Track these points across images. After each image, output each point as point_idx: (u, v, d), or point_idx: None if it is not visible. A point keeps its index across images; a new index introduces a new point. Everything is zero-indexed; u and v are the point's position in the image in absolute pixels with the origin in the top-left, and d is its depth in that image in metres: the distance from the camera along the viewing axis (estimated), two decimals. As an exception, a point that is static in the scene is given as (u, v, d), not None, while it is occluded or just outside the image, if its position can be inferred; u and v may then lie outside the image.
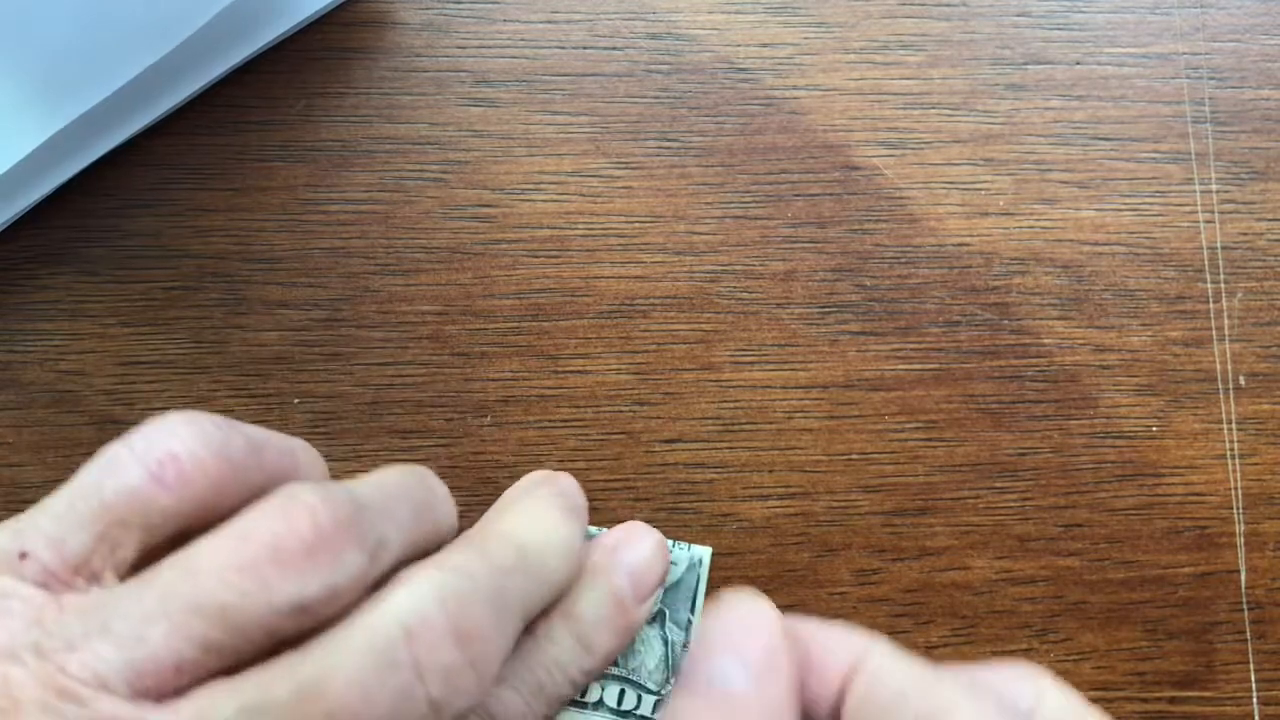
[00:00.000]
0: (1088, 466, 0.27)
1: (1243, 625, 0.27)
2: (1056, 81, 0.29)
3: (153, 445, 0.21)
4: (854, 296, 0.28)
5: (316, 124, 0.28)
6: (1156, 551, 0.27)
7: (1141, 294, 0.28)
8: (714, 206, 0.28)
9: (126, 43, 0.26)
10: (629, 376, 0.28)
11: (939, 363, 0.28)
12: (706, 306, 0.28)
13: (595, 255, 0.28)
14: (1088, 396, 0.28)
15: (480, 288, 0.28)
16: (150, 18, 0.26)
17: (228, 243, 0.28)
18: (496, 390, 0.27)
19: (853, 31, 0.29)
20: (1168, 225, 0.28)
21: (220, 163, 0.28)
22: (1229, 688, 0.27)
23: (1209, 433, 0.28)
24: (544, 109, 0.29)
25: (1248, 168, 0.29)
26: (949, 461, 0.27)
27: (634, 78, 0.29)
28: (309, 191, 0.28)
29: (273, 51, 0.29)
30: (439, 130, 0.28)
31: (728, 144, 0.29)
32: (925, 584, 0.27)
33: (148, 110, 0.27)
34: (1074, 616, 0.27)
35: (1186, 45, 0.29)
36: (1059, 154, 0.29)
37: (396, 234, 0.28)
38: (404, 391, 0.27)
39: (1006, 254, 0.28)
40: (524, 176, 0.28)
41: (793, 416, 0.27)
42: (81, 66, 0.26)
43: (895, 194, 0.28)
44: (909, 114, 0.29)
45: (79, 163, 0.27)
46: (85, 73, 0.26)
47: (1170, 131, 0.29)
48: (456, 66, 0.29)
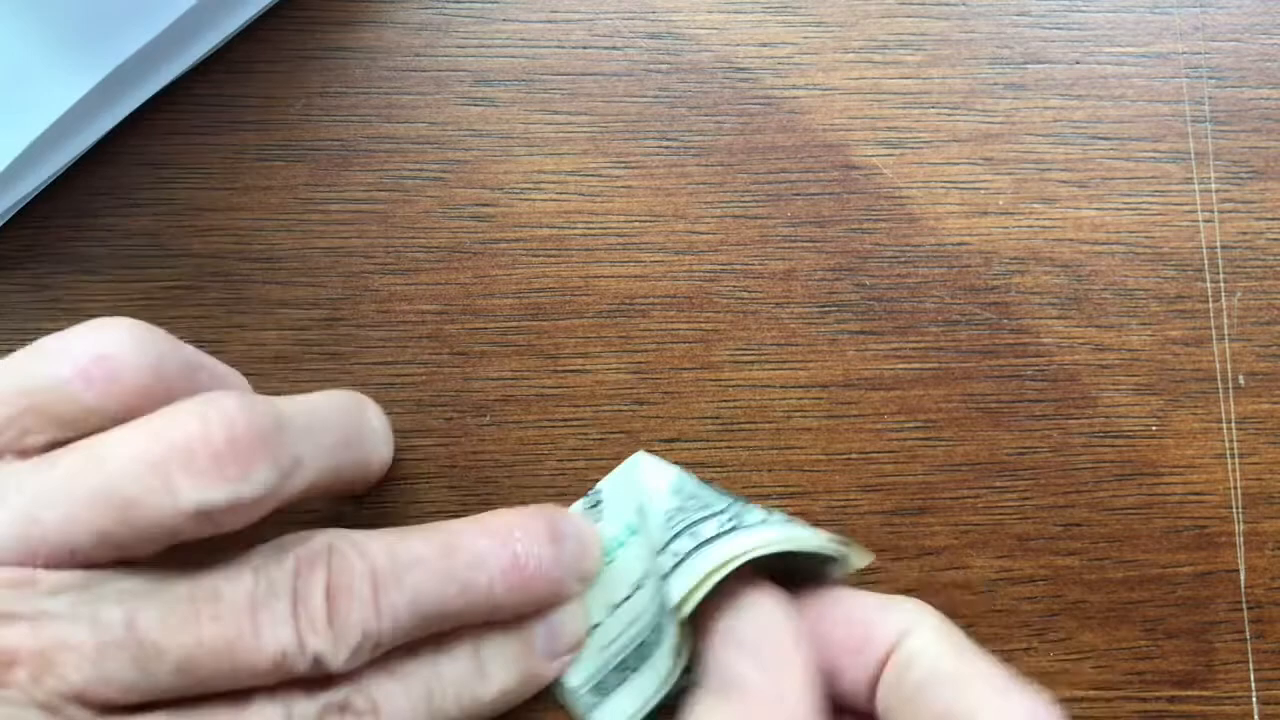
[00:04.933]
0: (1087, 466, 0.27)
1: (1242, 625, 0.27)
2: (1056, 81, 0.29)
3: (87, 343, 0.21)
4: (853, 296, 0.28)
5: (316, 124, 0.28)
6: (1156, 551, 0.27)
7: (1141, 293, 0.28)
8: (713, 206, 0.28)
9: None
10: (628, 376, 0.28)
11: (938, 362, 0.28)
12: (706, 306, 0.28)
13: (595, 255, 0.28)
14: (1087, 396, 0.28)
15: (480, 287, 0.28)
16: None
17: (228, 242, 0.28)
18: (496, 390, 0.27)
19: (852, 31, 0.29)
20: (1167, 224, 0.28)
21: (220, 162, 0.28)
22: (1228, 687, 0.27)
23: (1208, 432, 0.28)
24: (543, 108, 0.29)
25: (1247, 167, 0.29)
26: (948, 461, 0.27)
27: (633, 77, 0.29)
28: (309, 191, 0.28)
29: (272, 51, 0.29)
30: (438, 130, 0.28)
31: (727, 143, 0.29)
32: (924, 583, 0.27)
33: (181, 58, 0.28)
34: (1073, 616, 0.27)
35: (1186, 44, 0.29)
36: (1058, 153, 0.29)
37: (396, 233, 0.28)
38: (403, 391, 0.27)
39: (1006, 253, 0.28)
40: (523, 176, 0.28)
41: (792, 416, 0.27)
42: (120, 14, 0.26)
43: (894, 193, 0.28)
44: (908, 113, 0.29)
45: (120, 112, 0.27)
46: (124, 20, 0.26)
47: (1170, 131, 0.29)
48: (456, 66, 0.29)
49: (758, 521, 0.23)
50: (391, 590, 0.21)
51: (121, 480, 0.19)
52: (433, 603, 0.22)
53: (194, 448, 0.19)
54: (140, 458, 0.19)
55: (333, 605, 0.20)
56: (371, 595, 0.21)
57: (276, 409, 0.21)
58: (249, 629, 0.20)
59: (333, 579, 0.21)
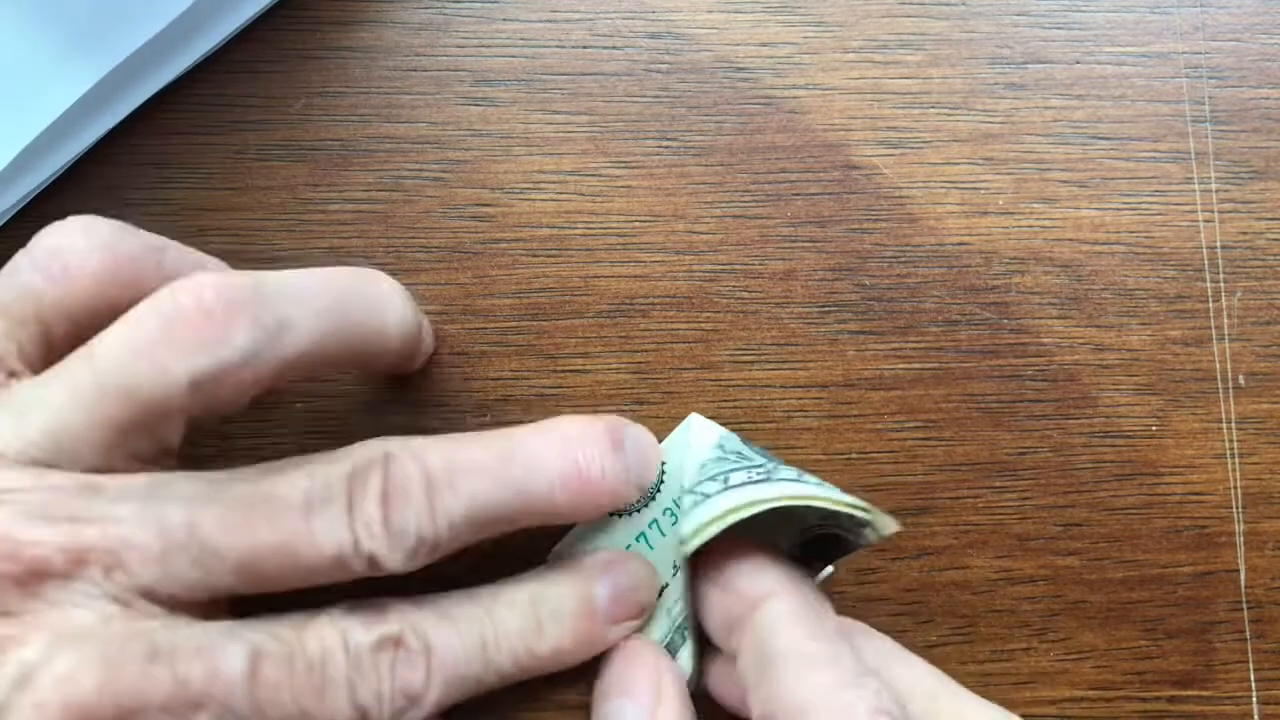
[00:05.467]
0: (1087, 466, 0.27)
1: (1242, 625, 0.27)
2: (1056, 80, 0.29)
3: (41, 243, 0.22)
4: (853, 296, 0.28)
5: (316, 123, 0.28)
6: (1156, 551, 0.27)
7: (1141, 293, 0.28)
8: (713, 206, 0.28)
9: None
10: (628, 376, 0.28)
11: (938, 362, 0.28)
12: (706, 306, 0.28)
13: (595, 255, 0.28)
14: (1087, 396, 0.28)
15: (479, 287, 0.28)
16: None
17: (228, 242, 0.28)
18: (496, 389, 0.27)
19: (852, 31, 0.29)
20: (1167, 224, 0.28)
21: (220, 163, 0.28)
22: (1228, 687, 0.27)
23: (1208, 432, 0.28)
24: (543, 108, 0.29)
25: (1247, 167, 0.29)
26: (948, 461, 0.27)
27: (633, 77, 0.29)
28: (309, 191, 0.28)
29: (272, 50, 0.29)
30: (438, 129, 0.28)
31: (727, 143, 0.29)
32: (925, 583, 0.27)
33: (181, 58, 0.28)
34: (1073, 615, 0.27)
35: (1186, 44, 0.29)
36: (1058, 153, 0.29)
37: (396, 233, 0.28)
38: (403, 391, 0.27)
39: (1006, 253, 0.28)
40: (523, 176, 0.28)
41: (792, 416, 0.27)
42: (120, 13, 0.26)
43: (894, 193, 0.28)
44: (908, 113, 0.29)
45: (120, 112, 0.27)
46: (126, 16, 0.26)
47: (1170, 131, 0.29)
48: (456, 66, 0.29)
49: (790, 478, 0.23)
50: (446, 495, 0.22)
51: (116, 372, 0.20)
52: (489, 508, 0.22)
53: (172, 324, 0.20)
54: (126, 346, 0.20)
55: (388, 507, 0.21)
56: (426, 499, 0.21)
57: (254, 277, 0.21)
58: (304, 531, 0.21)
59: (388, 483, 0.21)
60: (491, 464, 0.22)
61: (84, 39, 0.26)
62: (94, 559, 0.20)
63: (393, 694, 0.21)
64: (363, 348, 0.23)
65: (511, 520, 0.23)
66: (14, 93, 0.26)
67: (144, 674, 0.19)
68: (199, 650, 0.20)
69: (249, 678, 0.20)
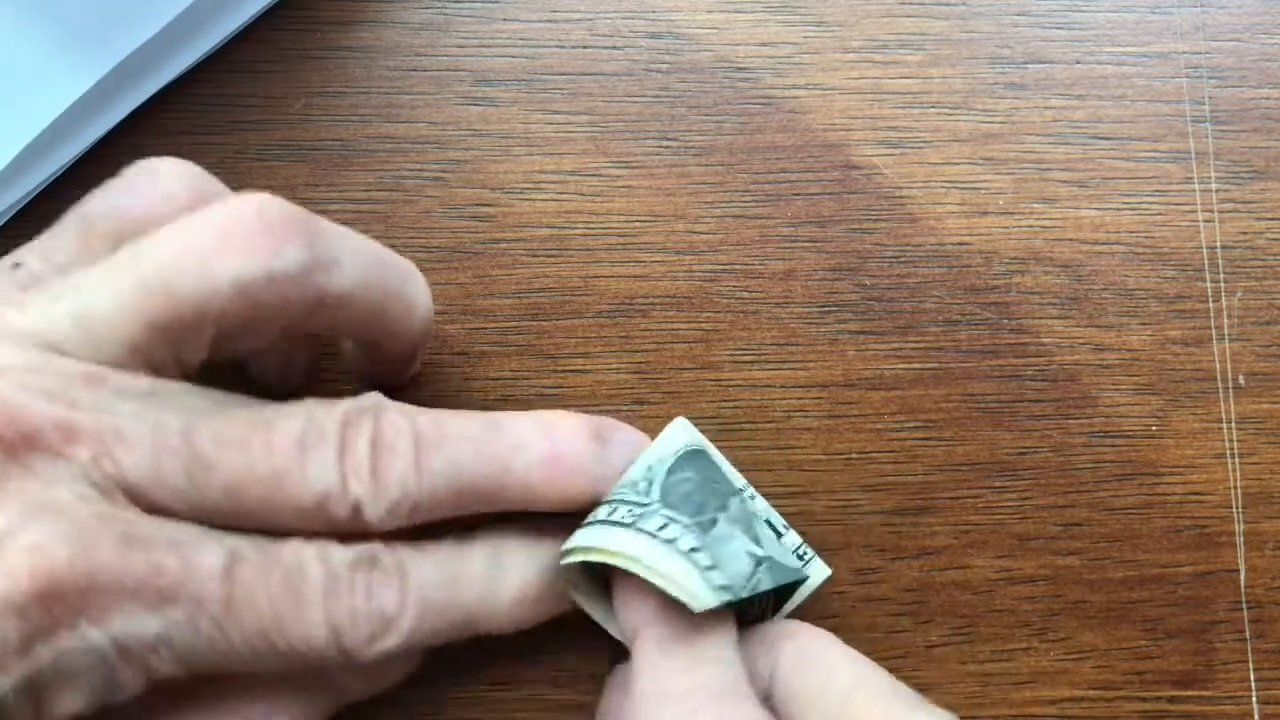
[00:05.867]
0: (1087, 466, 0.27)
1: (1242, 624, 0.27)
2: (1056, 80, 0.29)
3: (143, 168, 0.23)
4: (853, 296, 0.28)
5: (316, 123, 0.28)
6: (1156, 551, 0.27)
7: (1141, 293, 0.28)
8: (713, 206, 0.28)
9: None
10: (628, 376, 0.28)
11: (938, 362, 0.28)
12: (706, 306, 0.28)
13: (595, 255, 0.28)
14: (1087, 396, 0.28)
15: (479, 287, 0.28)
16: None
17: (227, 242, 0.28)
18: (496, 389, 0.27)
19: (852, 30, 0.29)
20: (1167, 224, 0.28)
21: (220, 163, 0.28)
22: (1228, 687, 0.27)
23: (1208, 432, 0.28)
24: (543, 108, 0.29)
25: (1247, 167, 0.29)
26: (948, 460, 0.27)
27: (633, 77, 0.29)
28: (309, 191, 0.28)
29: (272, 50, 0.29)
30: (438, 129, 0.28)
31: (727, 143, 0.29)
32: (925, 583, 0.27)
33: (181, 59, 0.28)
34: (1073, 615, 0.27)
35: (1186, 44, 0.29)
36: (1058, 153, 0.29)
37: (396, 233, 0.28)
38: (403, 391, 0.27)
39: (1006, 253, 0.28)
40: (523, 176, 0.28)
41: (792, 416, 0.27)
42: (119, 13, 0.26)
43: (894, 193, 0.28)
44: (908, 113, 0.29)
45: (120, 112, 0.27)
46: (126, 16, 0.26)
47: (1170, 131, 0.29)
48: (456, 66, 0.29)
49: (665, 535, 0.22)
50: (433, 453, 0.22)
51: (160, 266, 0.20)
52: (470, 476, 0.22)
53: (228, 228, 0.20)
54: (177, 243, 0.20)
55: (376, 456, 0.21)
56: (413, 454, 0.21)
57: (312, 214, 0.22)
58: (296, 465, 0.21)
59: (379, 433, 0.21)
60: (479, 434, 0.22)
61: (83, 39, 0.26)
62: (83, 441, 0.19)
63: (369, 614, 0.21)
64: (389, 319, 0.23)
65: (490, 496, 0.22)
66: (14, 93, 0.26)
67: (118, 555, 0.19)
68: (176, 543, 0.20)
69: (225, 577, 0.20)
